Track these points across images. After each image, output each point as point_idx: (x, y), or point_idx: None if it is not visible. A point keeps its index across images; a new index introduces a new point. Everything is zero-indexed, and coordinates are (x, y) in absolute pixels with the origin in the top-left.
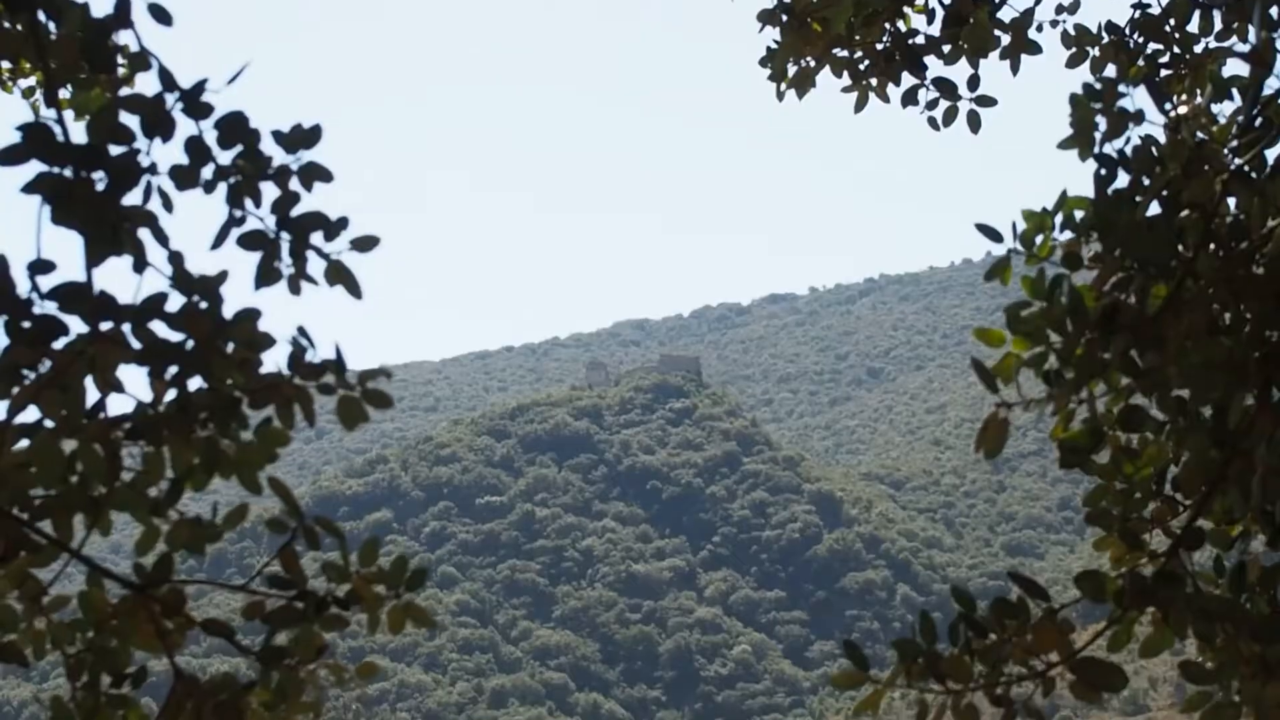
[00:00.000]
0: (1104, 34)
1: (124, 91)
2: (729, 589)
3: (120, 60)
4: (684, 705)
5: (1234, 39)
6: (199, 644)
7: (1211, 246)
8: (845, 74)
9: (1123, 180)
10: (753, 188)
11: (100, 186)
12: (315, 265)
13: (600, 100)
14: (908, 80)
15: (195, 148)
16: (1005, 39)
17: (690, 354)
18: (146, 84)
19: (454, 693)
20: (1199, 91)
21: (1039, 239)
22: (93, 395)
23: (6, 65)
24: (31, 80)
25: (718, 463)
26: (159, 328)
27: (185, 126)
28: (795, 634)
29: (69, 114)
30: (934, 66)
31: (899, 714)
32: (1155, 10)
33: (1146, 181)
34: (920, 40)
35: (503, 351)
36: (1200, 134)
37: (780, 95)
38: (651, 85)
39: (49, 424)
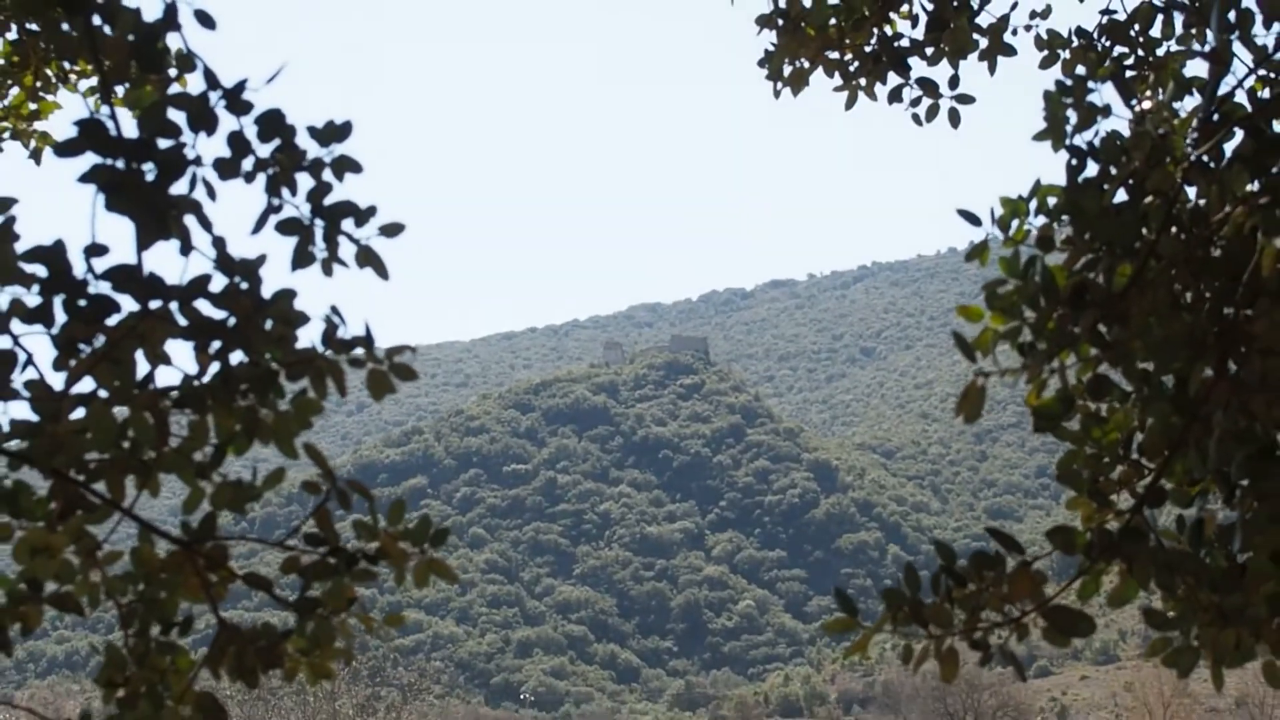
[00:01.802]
0: (1074, 38)
1: (172, 90)
2: (734, 549)
3: (168, 61)
4: (693, 655)
5: (1194, 42)
6: (250, 599)
7: (1173, 230)
8: (836, 74)
9: (1092, 169)
10: (756, 181)
11: (150, 177)
12: (346, 249)
13: (619, 95)
14: (894, 80)
15: (236, 142)
16: (983, 42)
17: (698, 334)
18: (192, 83)
19: (483, 643)
20: (1161, 89)
21: (1015, 223)
22: (143, 368)
23: (66, 66)
24: (92, 81)
25: (724, 434)
26: (203, 306)
27: (227, 122)
28: (795, 590)
29: (121, 111)
30: (918, 67)
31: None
32: (1121, 16)
33: (1113, 171)
34: (905, 43)
35: (527, 332)
36: (1163, 128)
37: (777, 93)
38: (666, 82)
39: (103, 394)
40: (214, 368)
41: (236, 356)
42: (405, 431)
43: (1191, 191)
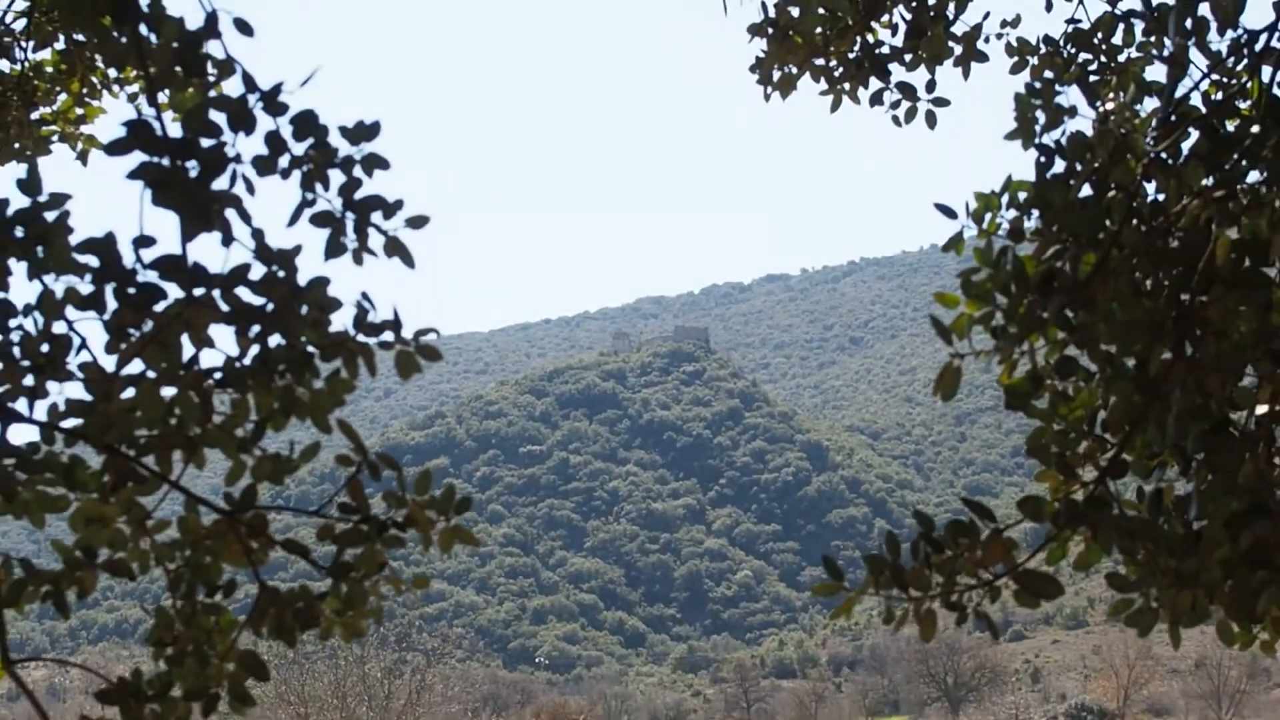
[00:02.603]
0: (1042, 45)
1: (213, 93)
2: (733, 523)
3: (209, 66)
4: (695, 622)
5: (1153, 48)
6: (287, 570)
7: (1134, 222)
8: (822, 79)
9: (1059, 166)
10: (753, 181)
11: (193, 174)
12: (375, 241)
13: (622, 104)
14: (875, 84)
15: (273, 141)
16: (958, 49)
17: (700, 325)
18: (232, 86)
19: (501, 611)
20: (1123, 92)
21: (988, 216)
22: (188, 350)
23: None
24: (135, 86)
25: (723, 417)
26: (244, 293)
27: (265, 122)
28: (789, 561)
29: (166, 113)
30: (897, 72)
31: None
32: (1085, 24)
33: (1079, 167)
34: (885, 50)
35: (541, 323)
36: (1124, 127)
37: (767, 97)
38: (670, 90)
39: (151, 375)
40: (254, 350)
41: (274, 339)
42: (429, 415)
43: (1151, 186)
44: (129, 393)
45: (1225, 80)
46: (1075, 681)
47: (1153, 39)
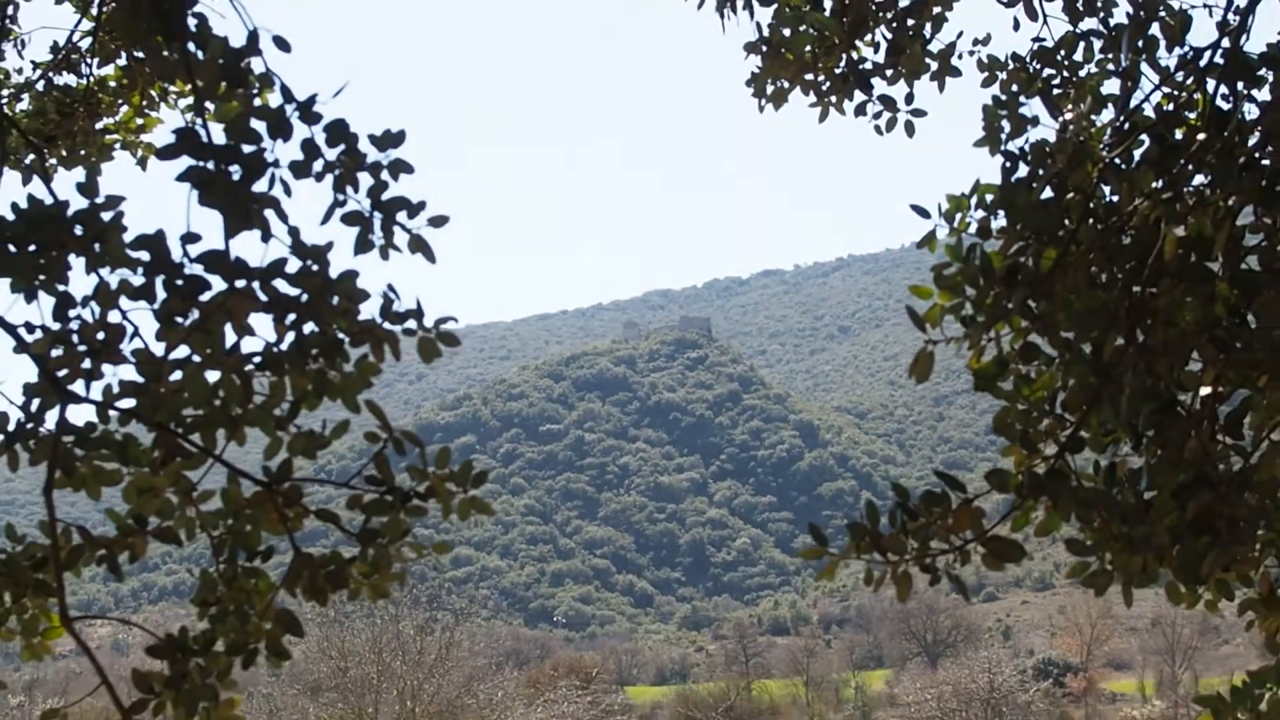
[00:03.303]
0: (1009, 61)
1: (254, 104)
2: (732, 495)
3: (251, 79)
4: (698, 584)
5: (1109, 64)
6: (327, 537)
7: (1090, 221)
8: (812, 93)
9: (1023, 171)
10: (750, 184)
11: (236, 177)
12: (400, 238)
13: (628, 113)
14: (859, 97)
15: (308, 147)
16: (934, 65)
17: (703, 316)
18: (271, 97)
19: (522, 574)
20: (1082, 103)
21: (958, 216)
22: (230, 337)
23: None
24: (188, 99)
25: (724, 399)
26: (281, 285)
27: (301, 130)
28: (783, 530)
29: (212, 122)
30: (879, 86)
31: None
32: (1049, 43)
33: (1041, 171)
34: (868, 66)
35: (559, 314)
36: (1082, 135)
37: (761, 108)
38: (674, 98)
39: (197, 359)
40: (290, 337)
41: (309, 327)
42: (457, 397)
43: (1106, 189)
44: (177, 375)
45: (1174, 93)
46: (1042, 638)
47: (1109, 56)
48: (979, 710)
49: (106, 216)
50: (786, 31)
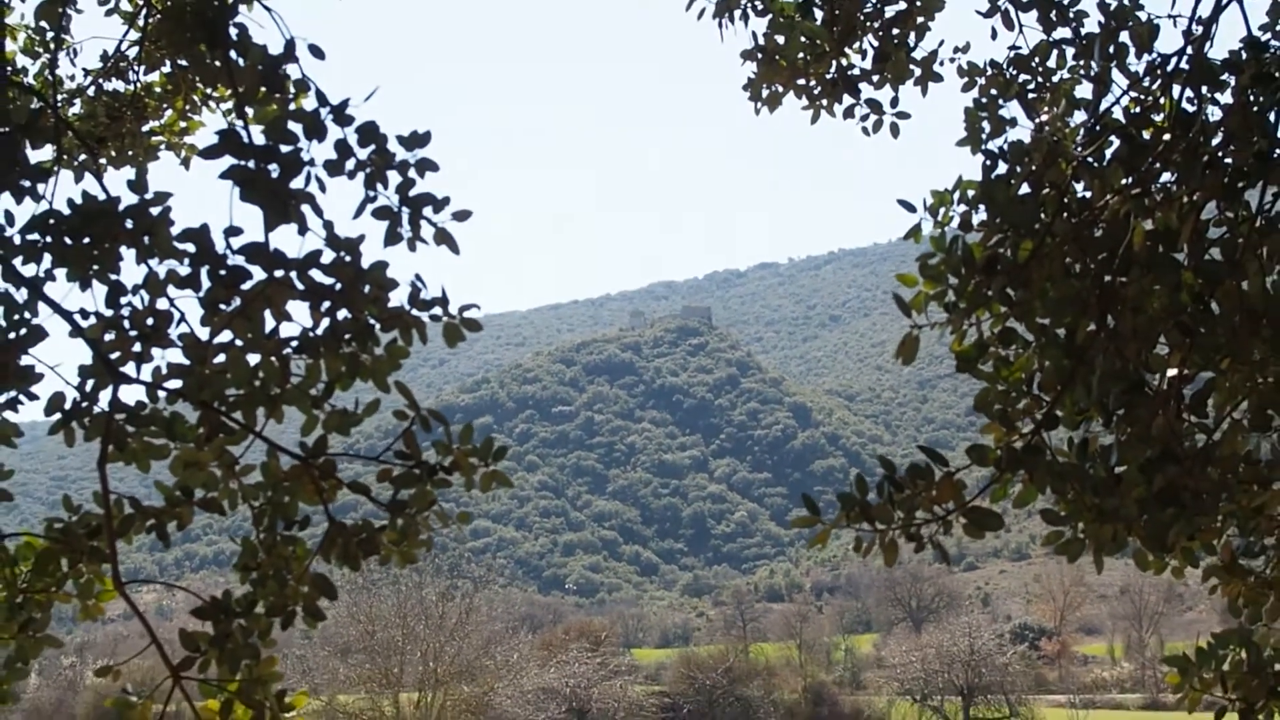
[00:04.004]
0: (988, 68)
1: (291, 107)
2: (731, 471)
3: (288, 84)
4: (699, 554)
5: (1081, 70)
6: (358, 508)
7: (1064, 215)
8: (804, 97)
9: (1001, 168)
10: (747, 183)
11: (274, 174)
12: (427, 231)
13: (632, 120)
14: (848, 101)
15: (341, 147)
16: (917, 71)
17: (703, 305)
18: (306, 101)
19: (537, 545)
20: (1056, 106)
21: (942, 210)
22: (270, 323)
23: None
24: (228, 104)
25: (723, 382)
26: (316, 274)
27: (334, 132)
28: (778, 504)
29: (252, 124)
30: (866, 91)
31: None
32: (1025, 50)
33: (1018, 169)
34: (856, 72)
35: (570, 303)
36: (1057, 136)
37: (757, 111)
38: (679, 109)
39: (239, 343)
40: (325, 322)
41: (342, 313)
42: (476, 381)
43: (1079, 185)
44: (220, 358)
45: (1142, 96)
46: (1019, 605)
47: (1081, 62)
48: (960, 671)
49: (155, 211)
50: (780, 39)
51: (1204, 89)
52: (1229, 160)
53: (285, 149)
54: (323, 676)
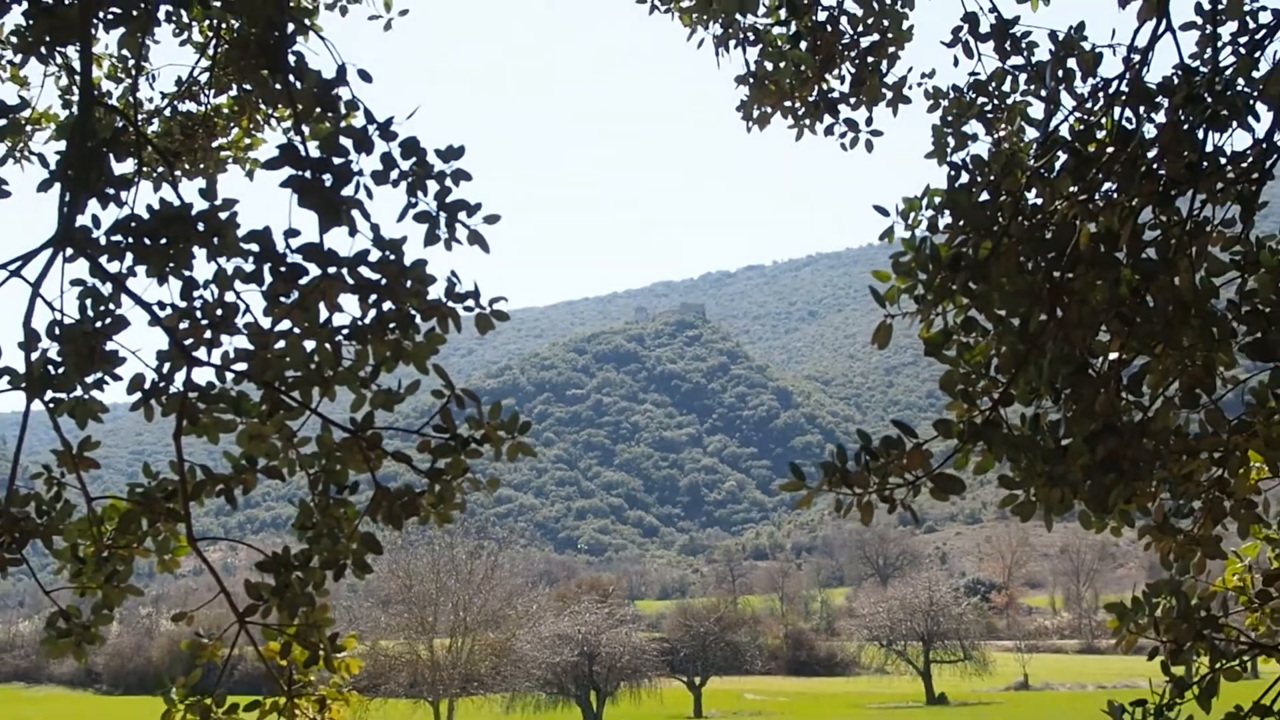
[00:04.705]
0: (951, 91)
1: (342, 124)
2: (722, 447)
3: (340, 105)
4: (694, 518)
5: (1033, 93)
6: (399, 477)
7: (1019, 219)
8: (790, 117)
9: (964, 178)
10: (737, 194)
11: (328, 183)
12: (461, 233)
13: (635, 137)
14: (828, 120)
15: (386, 159)
16: (889, 94)
17: (698, 302)
18: (356, 119)
19: (553, 510)
20: (1011, 124)
21: (912, 215)
22: (323, 313)
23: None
24: (287, 122)
25: (715, 369)
26: (364, 271)
27: (380, 146)
28: (763, 475)
29: (308, 139)
30: (844, 111)
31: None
32: (983, 76)
33: (979, 178)
34: (836, 95)
35: (583, 300)
36: (1012, 150)
37: (749, 130)
38: (682, 124)
39: (296, 331)
40: (372, 313)
41: (387, 305)
42: (500, 368)
43: (1032, 193)
44: (280, 344)
45: (1086, 115)
46: (972, 562)
47: (1032, 86)
48: (920, 620)
49: (223, 216)
50: (770, 66)
51: (1141, 109)
52: (1163, 171)
53: (337, 161)
54: (367, 624)
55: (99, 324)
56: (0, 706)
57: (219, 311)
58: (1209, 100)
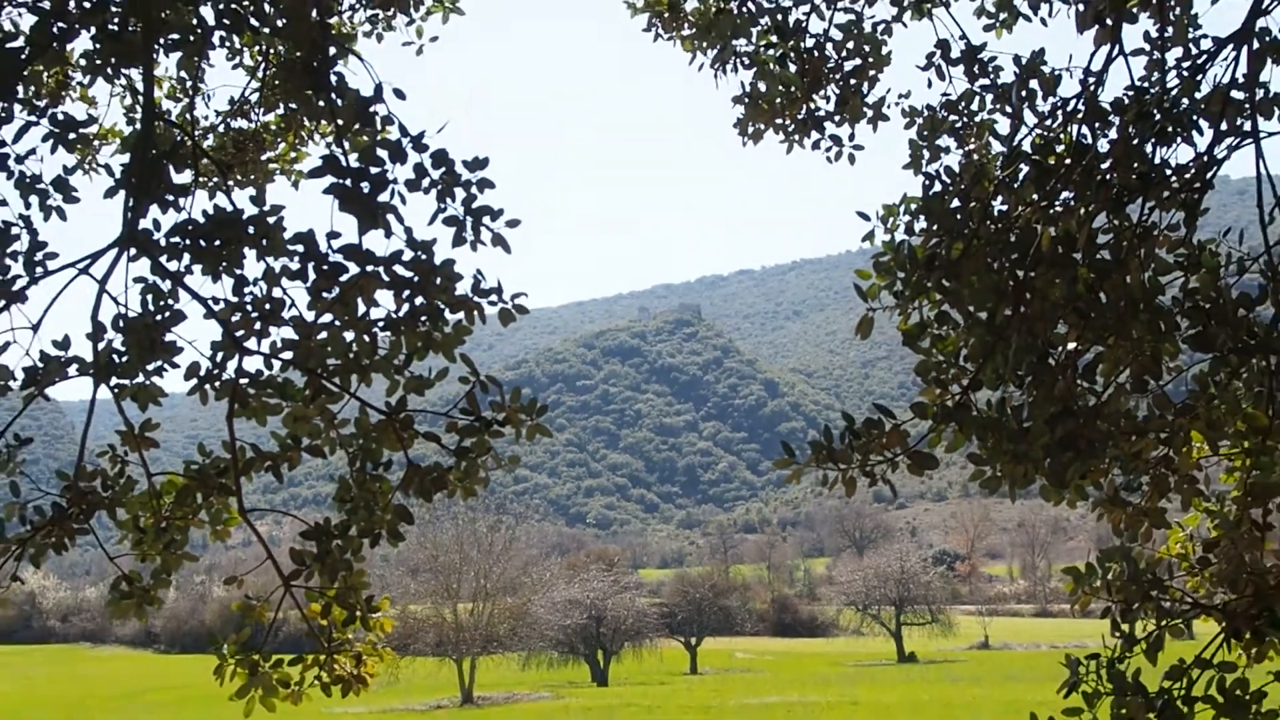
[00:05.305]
0: (925, 109)
1: (379, 137)
2: (715, 431)
3: (377, 120)
4: (691, 495)
5: (999, 111)
6: (428, 455)
7: (987, 223)
8: (780, 133)
9: (937, 187)
10: (731, 204)
11: (366, 191)
12: (485, 235)
13: (636, 159)
14: (815, 136)
15: (418, 169)
16: (870, 113)
17: (695, 303)
18: (391, 132)
19: (564, 489)
20: (979, 139)
21: (891, 220)
22: (361, 307)
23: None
24: (329, 137)
25: (710, 362)
26: (399, 269)
27: (413, 157)
28: (752, 457)
29: (348, 151)
30: (830, 128)
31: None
32: (954, 96)
33: (951, 187)
34: (822, 113)
35: (591, 300)
36: (980, 162)
37: (744, 144)
38: (686, 136)
39: (337, 323)
40: (405, 307)
41: (419, 299)
42: (517, 361)
43: (998, 200)
44: (322, 335)
45: (1047, 131)
46: (939, 535)
47: (998, 105)
48: (893, 587)
49: (271, 220)
50: (762, 87)
51: (1096, 125)
52: (1115, 181)
53: (374, 171)
54: (398, 591)
55: (159, 317)
56: (69, 664)
57: (267, 306)
58: (1157, 117)
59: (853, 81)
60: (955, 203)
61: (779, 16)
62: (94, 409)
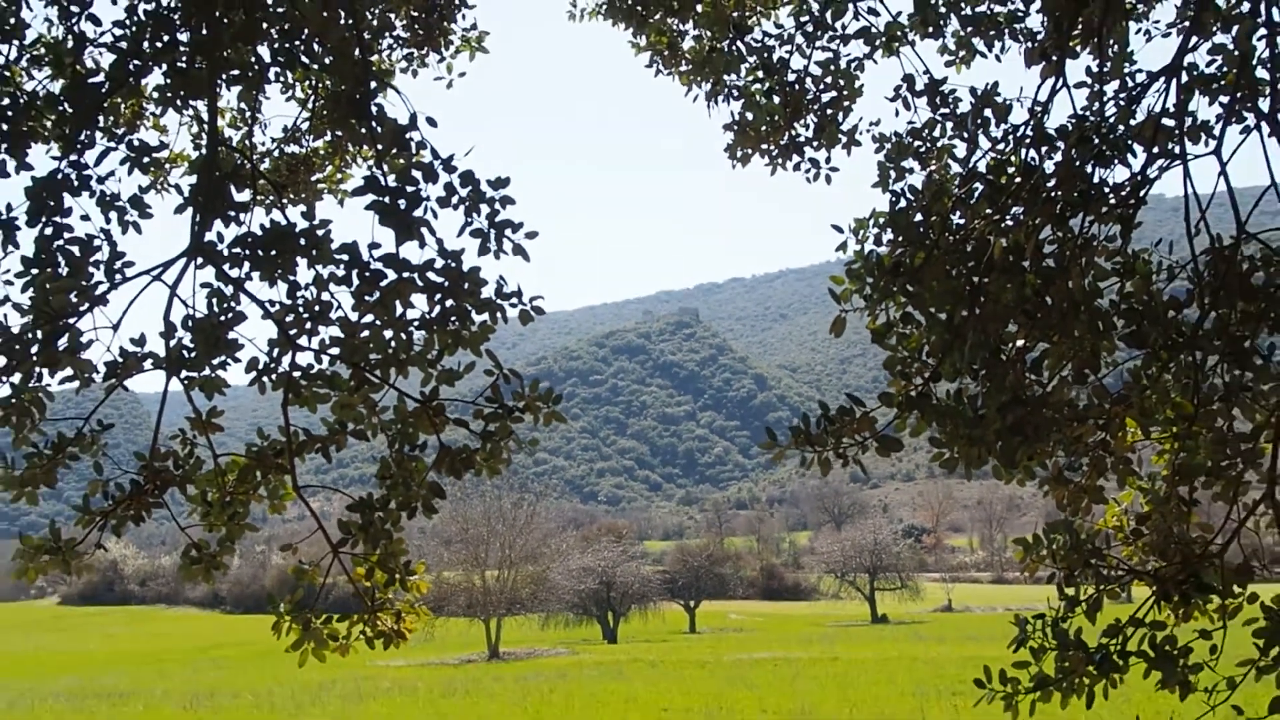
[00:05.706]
0: (893, 136)
1: (414, 160)
2: (711, 420)
3: (412, 145)
4: (690, 476)
5: (958, 136)
6: (458, 439)
7: (946, 234)
8: (765, 156)
9: (903, 203)
10: (723, 220)
11: (402, 207)
12: (507, 246)
13: (632, 177)
14: (796, 159)
15: (448, 187)
16: (844, 139)
17: (693, 307)
18: (424, 156)
19: (579, 470)
20: (940, 161)
21: (862, 232)
22: (399, 309)
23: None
24: (369, 160)
25: (706, 359)
26: (431, 275)
27: (443, 177)
28: (744, 442)
29: (387, 173)
30: (809, 152)
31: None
32: (918, 124)
33: (914, 203)
34: (802, 139)
35: (601, 305)
36: (940, 181)
37: (733, 166)
38: (685, 161)
39: (378, 323)
40: (437, 308)
41: (449, 302)
42: (537, 358)
43: (956, 215)
44: (365, 333)
45: (1000, 154)
46: (908, 511)
47: (958, 132)
48: (867, 557)
49: (320, 233)
50: (750, 116)
51: (1043, 149)
52: (1059, 197)
53: (410, 189)
54: (432, 559)
55: (222, 318)
56: (147, 623)
57: (317, 308)
58: (1096, 142)
59: (829, 111)
60: (918, 217)
61: (765, 55)
62: (166, 398)
